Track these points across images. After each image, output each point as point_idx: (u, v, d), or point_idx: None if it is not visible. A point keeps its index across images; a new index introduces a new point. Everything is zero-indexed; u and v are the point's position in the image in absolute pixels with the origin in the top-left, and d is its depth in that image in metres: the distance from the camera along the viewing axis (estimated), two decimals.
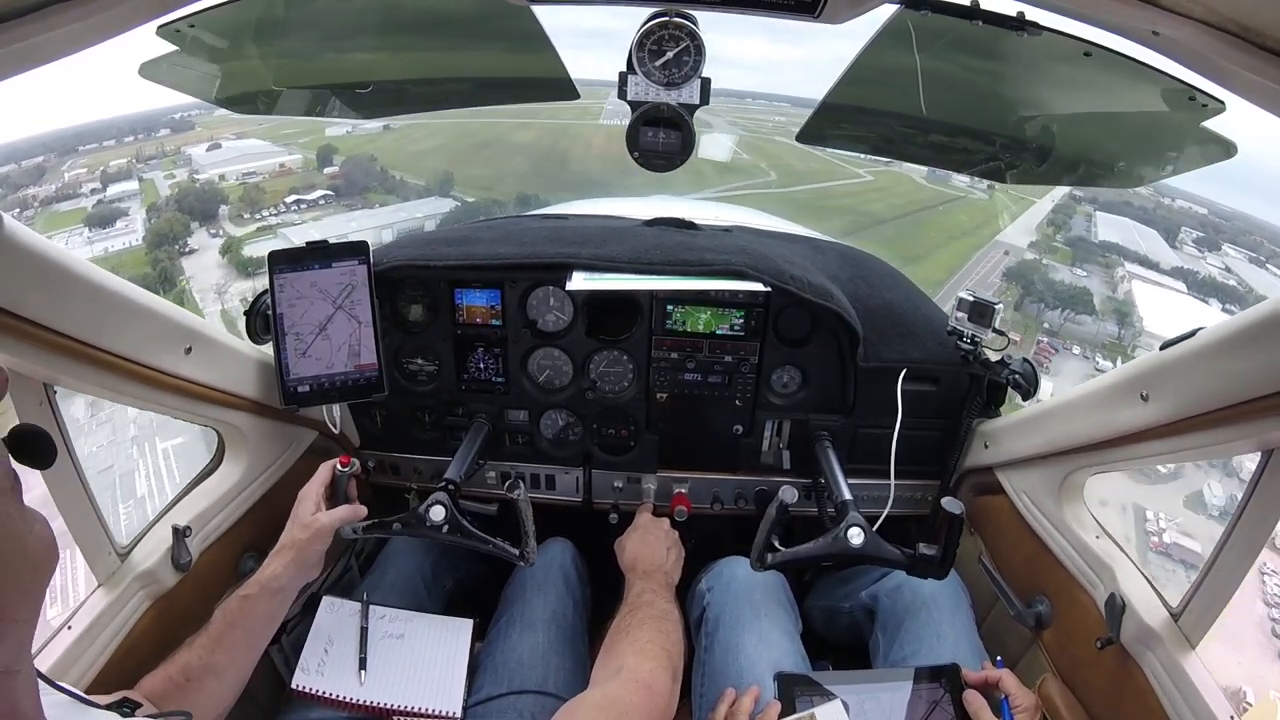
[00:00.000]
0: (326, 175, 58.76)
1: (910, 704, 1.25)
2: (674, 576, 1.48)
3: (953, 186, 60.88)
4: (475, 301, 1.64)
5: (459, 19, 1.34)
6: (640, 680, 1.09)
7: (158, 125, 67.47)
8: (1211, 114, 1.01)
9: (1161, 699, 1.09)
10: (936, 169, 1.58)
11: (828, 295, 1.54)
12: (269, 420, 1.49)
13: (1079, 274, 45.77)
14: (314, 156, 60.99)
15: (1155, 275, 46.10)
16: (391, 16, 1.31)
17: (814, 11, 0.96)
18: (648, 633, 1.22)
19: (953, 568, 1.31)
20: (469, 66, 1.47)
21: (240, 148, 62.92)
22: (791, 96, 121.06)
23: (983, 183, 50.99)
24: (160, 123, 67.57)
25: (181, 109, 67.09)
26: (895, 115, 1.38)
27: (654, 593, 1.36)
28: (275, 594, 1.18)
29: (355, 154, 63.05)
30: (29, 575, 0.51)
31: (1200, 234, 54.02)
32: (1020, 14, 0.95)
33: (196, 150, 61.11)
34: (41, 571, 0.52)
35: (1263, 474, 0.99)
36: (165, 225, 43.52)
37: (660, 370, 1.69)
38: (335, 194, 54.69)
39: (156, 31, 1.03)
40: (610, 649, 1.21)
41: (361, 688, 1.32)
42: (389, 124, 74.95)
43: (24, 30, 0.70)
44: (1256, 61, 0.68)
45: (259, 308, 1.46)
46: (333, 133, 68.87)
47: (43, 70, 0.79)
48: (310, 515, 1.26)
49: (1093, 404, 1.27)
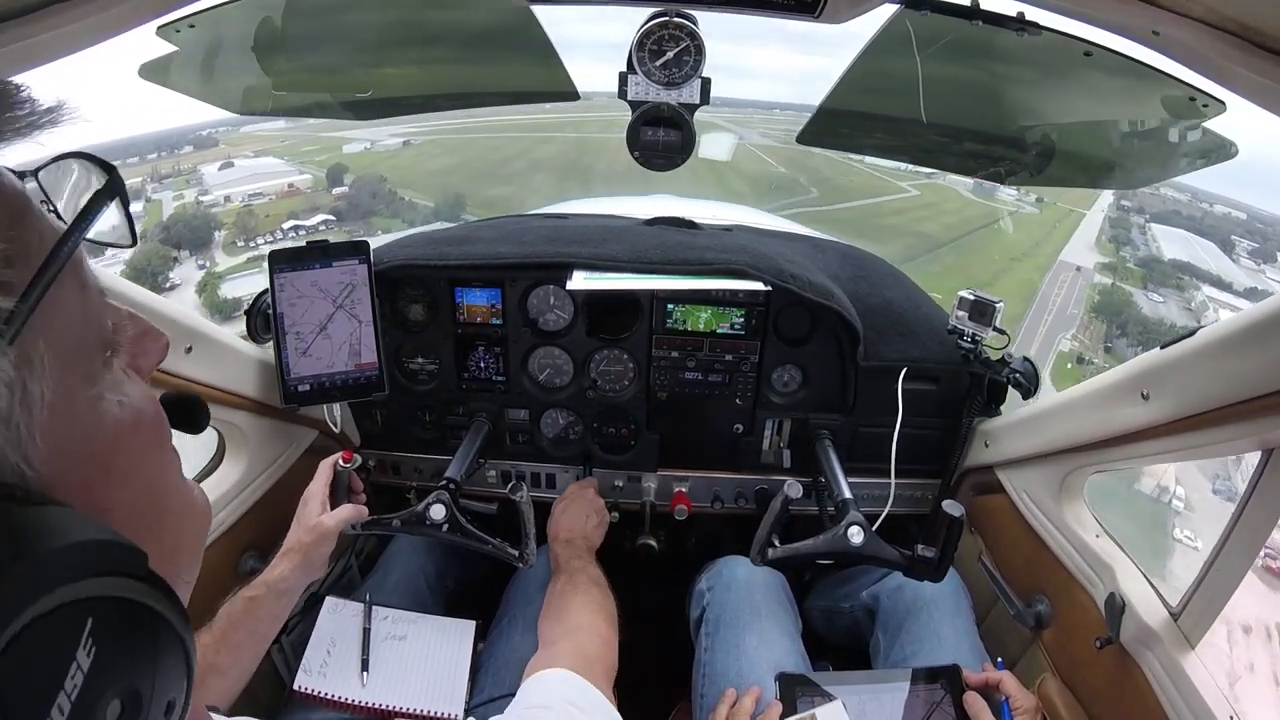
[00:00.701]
0: (334, 196, 55.96)
1: (911, 705, 1.25)
2: (594, 541, 1.55)
3: (1000, 200, 57.76)
4: (476, 301, 1.64)
5: (458, 20, 1.34)
6: (601, 635, 1.20)
7: (182, 142, 65.40)
8: (1212, 114, 1.01)
9: (1161, 699, 1.09)
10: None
11: (828, 294, 1.54)
12: (269, 420, 1.49)
13: (1154, 299, 41.23)
14: (324, 176, 58.11)
15: (1231, 298, 40.86)
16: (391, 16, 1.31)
17: (814, 11, 0.96)
18: (597, 596, 1.31)
19: (953, 568, 1.31)
20: (467, 67, 1.47)
21: (252, 166, 60.72)
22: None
23: (1030, 195, 48.96)
24: (185, 139, 65.52)
25: (209, 125, 65.32)
26: (896, 116, 1.38)
27: (581, 559, 1.43)
28: (282, 595, 1.19)
29: (366, 173, 60.78)
30: (196, 539, 0.52)
31: (1252, 244, 50.26)
32: (1020, 14, 0.96)
33: (210, 169, 58.33)
34: (203, 536, 0.53)
35: (1263, 474, 0.99)
36: (143, 258, 38.65)
37: (661, 369, 1.69)
38: (337, 218, 51.00)
39: (156, 32, 1.03)
40: (562, 610, 1.28)
41: (364, 689, 1.32)
42: (409, 139, 73.24)
43: (24, 30, 0.70)
44: (1257, 61, 0.68)
45: (259, 307, 1.46)
46: (350, 150, 66.44)
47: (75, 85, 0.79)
48: (315, 518, 1.27)
49: (1093, 403, 1.27)
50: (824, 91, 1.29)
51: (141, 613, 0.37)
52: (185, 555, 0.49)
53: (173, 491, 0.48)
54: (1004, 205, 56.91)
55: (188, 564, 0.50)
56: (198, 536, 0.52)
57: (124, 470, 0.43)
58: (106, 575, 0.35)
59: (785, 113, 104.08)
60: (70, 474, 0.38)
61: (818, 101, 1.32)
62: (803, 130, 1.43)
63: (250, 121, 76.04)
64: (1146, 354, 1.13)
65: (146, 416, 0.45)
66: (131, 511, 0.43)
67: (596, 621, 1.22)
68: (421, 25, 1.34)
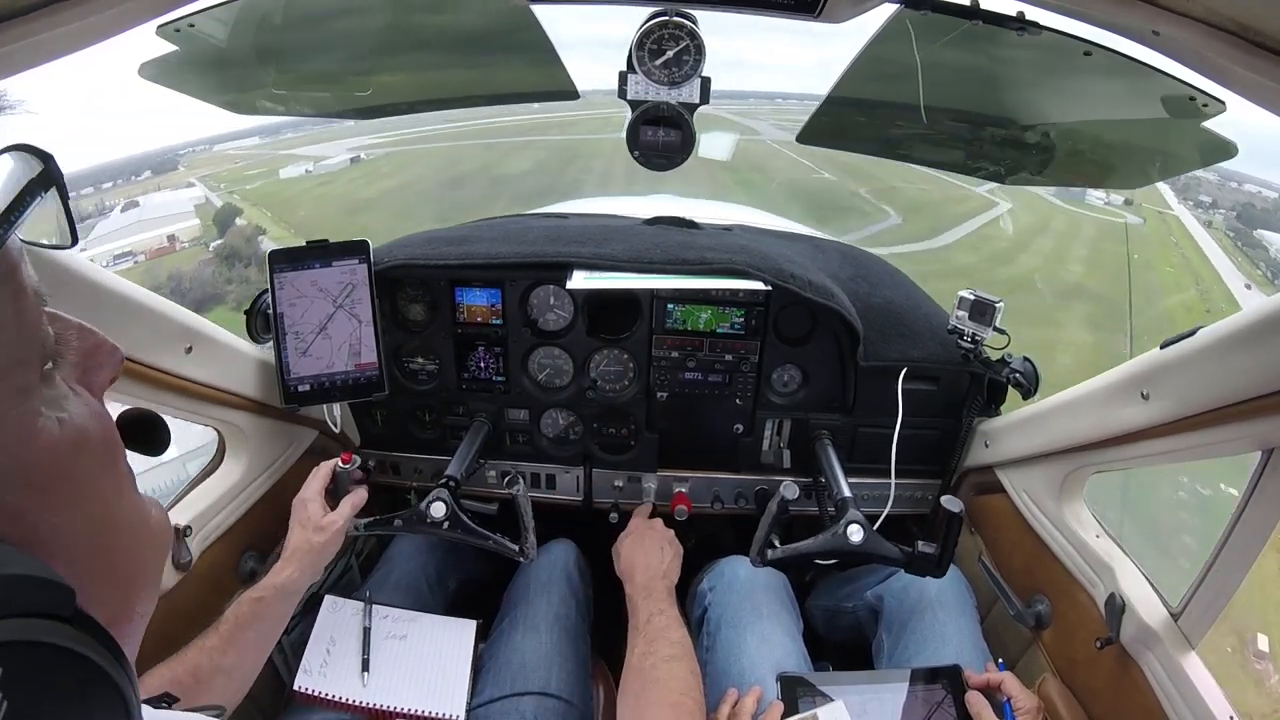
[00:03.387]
0: (213, 252, 41.24)
1: (912, 705, 1.25)
2: (673, 578, 1.47)
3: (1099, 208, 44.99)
4: (476, 300, 1.64)
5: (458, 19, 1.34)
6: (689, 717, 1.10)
7: (142, 168, 57.86)
8: (1212, 114, 1.01)
9: (1161, 699, 1.09)
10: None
11: (828, 294, 1.54)
12: (269, 420, 1.49)
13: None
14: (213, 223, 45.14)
15: None
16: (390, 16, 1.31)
17: (814, 10, 0.96)
18: (678, 682, 1.17)
19: (957, 568, 1.31)
20: (467, 67, 1.47)
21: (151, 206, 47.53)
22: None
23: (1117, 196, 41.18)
24: (149, 163, 58.05)
25: (183, 146, 57.90)
26: (896, 115, 1.38)
27: (664, 615, 1.32)
28: (289, 597, 1.20)
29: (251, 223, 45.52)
30: (155, 562, 0.48)
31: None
32: (1020, 13, 0.95)
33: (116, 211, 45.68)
34: (162, 556, 0.50)
35: (1263, 474, 0.99)
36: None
37: (661, 369, 1.69)
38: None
39: (156, 31, 1.03)
40: (641, 696, 1.17)
41: (364, 689, 1.32)
42: (359, 155, 64.55)
43: (24, 30, 0.70)
44: (1256, 61, 0.68)
45: (259, 307, 1.46)
46: (288, 173, 56.83)
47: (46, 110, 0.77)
48: (321, 518, 1.27)
49: (1093, 403, 1.27)
50: (824, 86, 1.28)
51: (65, 659, 0.33)
52: (142, 581, 0.46)
53: (126, 515, 0.44)
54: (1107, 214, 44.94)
55: (145, 590, 0.46)
56: (156, 558, 0.49)
57: (66, 496, 0.38)
58: (18, 617, 0.31)
59: (787, 101, 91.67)
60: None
61: (816, 91, 1.31)
62: (803, 130, 1.43)
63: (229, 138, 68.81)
64: (1146, 354, 1.13)
65: (91, 436, 0.41)
66: (78, 540, 0.39)
67: (687, 704, 1.13)
68: (421, 25, 1.34)
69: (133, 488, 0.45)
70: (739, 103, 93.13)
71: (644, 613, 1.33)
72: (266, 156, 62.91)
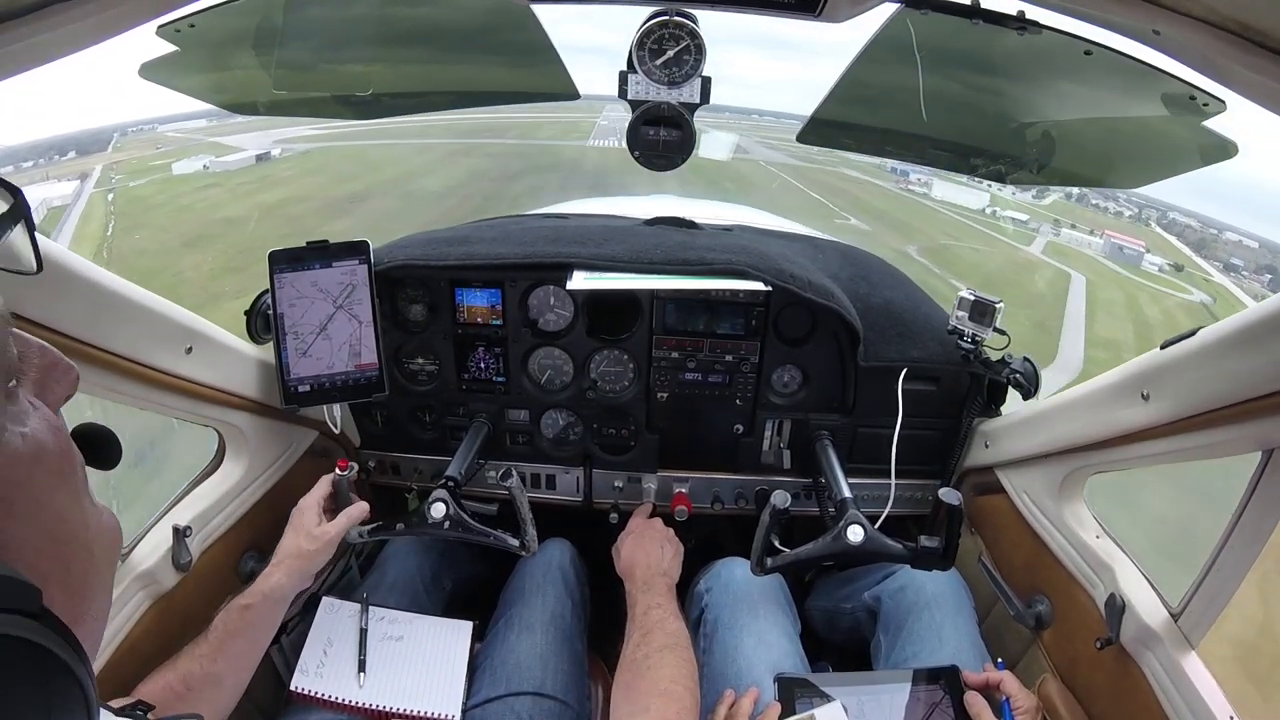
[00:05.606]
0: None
1: (910, 706, 1.25)
2: (674, 575, 1.48)
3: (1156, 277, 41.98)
4: (476, 301, 1.64)
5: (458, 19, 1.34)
6: (683, 705, 1.12)
7: (68, 148, 55.11)
8: (1213, 113, 1.01)
9: (1161, 699, 1.09)
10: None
11: (828, 294, 1.54)
12: (269, 420, 1.49)
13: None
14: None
15: None
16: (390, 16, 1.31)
17: (814, 10, 0.97)
18: (669, 670, 1.18)
19: (954, 565, 1.31)
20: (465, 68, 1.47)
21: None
22: None
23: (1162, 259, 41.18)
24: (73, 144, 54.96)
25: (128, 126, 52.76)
26: (896, 115, 1.38)
27: (661, 609, 1.33)
28: (278, 603, 1.19)
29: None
30: (107, 565, 0.51)
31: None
32: (1021, 13, 0.96)
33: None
34: (114, 559, 0.52)
35: (1263, 474, 0.99)
36: None
37: (661, 369, 1.69)
38: None
39: (156, 31, 1.03)
40: (631, 686, 1.18)
41: (360, 690, 1.32)
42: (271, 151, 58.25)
43: (24, 30, 0.70)
44: (1257, 60, 0.68)
45: (259, 307, 1.46)
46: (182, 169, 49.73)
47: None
48: (317, 527, 1.27)
49: (1093, 403, 1.27)
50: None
51: (31, 652, 0.35)
52: (96, 583, 0.48)
53: (81, 522, 0.47)
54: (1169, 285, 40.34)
55: (99, 593, 0.49)
56: (109, 562, 0.51)
57: (26, 505, 0.41)
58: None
59: (764, 119, 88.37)
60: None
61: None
62: (803, 129, 1.43)
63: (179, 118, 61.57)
64: (1146, 354, 1.13)
65: (49, 449, 0.43)
66: (35, 546, 0.41)
67: (669, 708, 1.13)
68: (421, 25, 1.34)
69: (88, 496, 0.48)
70: (715, 115, 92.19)
71: (642, 606, 1.34)
72: (193, 142, 57.98)
